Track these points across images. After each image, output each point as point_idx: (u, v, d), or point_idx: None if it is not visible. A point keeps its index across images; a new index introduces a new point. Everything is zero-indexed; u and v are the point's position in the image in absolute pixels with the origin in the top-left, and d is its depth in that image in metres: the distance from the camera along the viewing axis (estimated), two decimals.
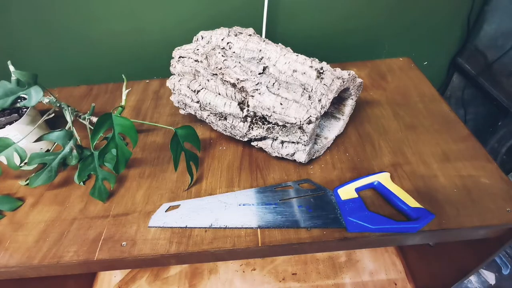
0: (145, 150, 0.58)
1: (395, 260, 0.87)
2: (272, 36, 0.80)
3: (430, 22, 0.82)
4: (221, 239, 0.44)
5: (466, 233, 0.45)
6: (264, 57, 0.50)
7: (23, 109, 0.55)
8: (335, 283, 0.83)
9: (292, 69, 0.48)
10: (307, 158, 0.51)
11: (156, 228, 0.45)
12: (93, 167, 0.49)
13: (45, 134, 0.48)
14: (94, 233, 0.45)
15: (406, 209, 0.44)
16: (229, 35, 0.54)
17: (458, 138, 0.56)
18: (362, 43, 0.84)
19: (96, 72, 0.84)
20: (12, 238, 0.46)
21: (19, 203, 0.50)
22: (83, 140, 0.54)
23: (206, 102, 0.52)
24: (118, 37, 0.78)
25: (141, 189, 0.51)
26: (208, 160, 0.56)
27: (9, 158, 0.48)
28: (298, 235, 0.43)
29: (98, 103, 0.71)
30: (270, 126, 0.49)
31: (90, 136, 0.44)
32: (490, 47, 0.81)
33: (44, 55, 0.80)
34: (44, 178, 0.48)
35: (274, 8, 0.74)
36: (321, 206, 0.46)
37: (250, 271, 0.87)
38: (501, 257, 0.86)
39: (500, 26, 0.78)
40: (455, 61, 0.91)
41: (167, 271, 0.88)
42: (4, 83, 0.48)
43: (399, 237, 0.44)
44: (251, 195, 0.49)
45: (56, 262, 0.42)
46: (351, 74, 0.50)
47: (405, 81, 0.70)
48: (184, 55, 0.56)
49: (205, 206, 0.48)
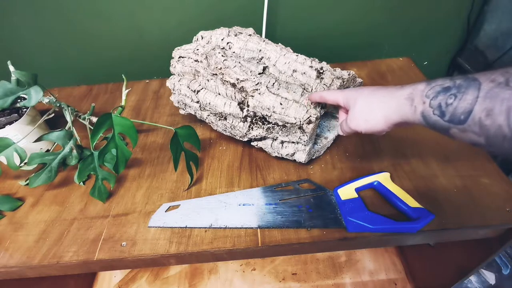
0: (145, 150, 0.58)
1: (395, 260, 0.87)
2: (272, 36, 0.80)
3: (430, 22, 0.82)
4: (221, 239, 0.44)
5: (466, 233, 0.45)
6: (264, 57, 0.50)
7: (23, 109, 0.55)
8: (335, 283, 0.83)
9: (292, 69, 0.48)
10: (307, 158, 0.51)
11: (156, 228, 0.45)
12: (93, 167, 0.49)
13: (45, 134, 0.48)
14: (94, 233, 0.45)
15: (406, 209, 0.44)
16: (229, 35, 0.54)
17: None
18: (362, 43, 0.84)
19: (96, 72, 0.84)
20: (12, 238, 0.46)
21: (19, 203, 0.50)
22: (83, 140, 0.54)
23: (206, 102, 0.52)
24: (118, 37, 0.78)
25: (141, 189, 0.51)
26: (208, 160, 0.55)
27: (9, 158, 0.48)
28: (298, 235, 0.43)
29: (98, 103, 0.71)
30: (270, 126, 0.49)
31: (90, 136, 0.44)
32: (490, 47, 0.81)
33: (44, 55, 0.80)
34: (44, 178, 0.48)
35: (274, 8, 0.74)
36: (321, 206, 0.46)
37: (250, 271, 0.87)
38: (501, 257, 0.86)
39: (500, 26, 0.78)
40: (455, 61, 0.91)
41: (167, 271, 0.88)
42: (4, 83, 0.48)
43: (399, 237, 0.44)
44: (251, 195, 0.49)
45: (56, 262, 0.42)
46: (351, 74, 0.50)
47: (405, 81, 0.70)
48: (184, 55, 0.56)
49: (205, 206, 0.48)
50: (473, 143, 0.28)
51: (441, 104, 0.29)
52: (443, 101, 0.29)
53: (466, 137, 0.28)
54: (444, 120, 0.29)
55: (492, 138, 0.26)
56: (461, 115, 0.27)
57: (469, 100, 0.27)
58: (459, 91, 0.28)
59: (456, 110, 0.28)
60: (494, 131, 0.25)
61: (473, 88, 0.27)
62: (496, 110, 0.25)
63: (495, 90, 0.25)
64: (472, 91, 0.27)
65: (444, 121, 0.29)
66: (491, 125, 0.25)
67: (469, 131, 0.27)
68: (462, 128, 0.28)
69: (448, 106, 0.28)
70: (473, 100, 0.26)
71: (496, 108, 0.25)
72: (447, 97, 0.29)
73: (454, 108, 0.28)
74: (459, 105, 0.27)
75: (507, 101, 0.24)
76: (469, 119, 0.27)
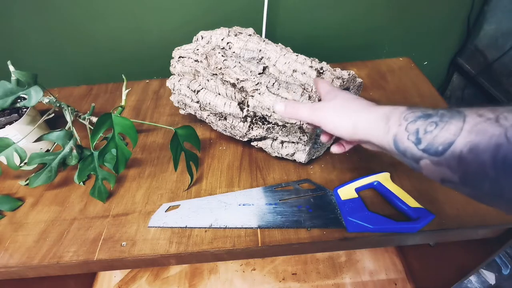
0: (145, 150, 0.58)
1: (395, 260, 0.87)
2: (272, 36, 0.80)
3: (430, 22, 0.82)
4: (221, 239, 0.44)
5: (466, 233, 0.45)
6: (264, 57, 0.50)
7: (23, 109, 0.55)
8: (335, 283, 0.83)
9: (292, 69, 0.48)
10: (307, 158, 0.51)
11: (156, 228, 0.45)
12: (93, 167, 0.49)
13: (45, 134, 0.48)
14: (94, 233, 0.45)
15: (406, 209, 0.44)
16: (229, 35, 0.54)
17: None
18: (362, 43, 0.84)
19: (96, 72, 0.84)
20: (12, 238, 0.46)
21: (19, 203, 0.50)
22: (83, 140, 0.54)
23: (206, 102, 0.52)
24: (118, 37, 0.78)
25: (141, 189, 0.51)
26: (208, 160, 0.55)
27: (9, 158, 0.48)
28: (298, 235, 0.43)
29: (98, 103, 0.71)
30: (270, 126, 0.49)
31: (90, 136, 0.44)
32: (490, 47, 0.81)
33: (44, 55, 0.80)
34: (44, 178, 0.48)
35: (274, 8, 0.74)
36: (321, 206, 0.46)
37: (250, 271, 0.87)
38: (501, 257, 0.86)
39: (500, 26, 0.78)
40: (455, 61, 0.91)
41: (167, 271, 0.88)
42: (4, 83, 0.48)
43: (399, 237, 0.44)
44: (251, 195, 0.49)
45: (56, 262, 0.42)
46: (351, 74, 0.50)
47: (405, 81, 0.70)
48: (184, 55, 0.56)
49: (205, 206, 0.48)
50: (444, 179, 0.26)
51: (419, 130, 0.26)
52: (421, 127, 0.26)
53: (438, 171, 0.26)
54: (418, 148, 0.26)
55: (470, 177, 0.23)
56: (440, 146, 0.25)
57: (452, 131, 0.24)
58: (442, 119, 0.25)
59: (436, 139, 0.25)
60: (474, 168, 0.23)
61: (458, 119, 0.24)
62: (482, 146, 0.22)
63: (483, 124, 0.23)
64: (456, 122, 0.24)
65: (418, 149, 0.26)
66: (472, 161, 0.23)
67: (444, 165, 0.25)
68: (436, 160, 0.25)
69: (426, 134, 0.26)
70: (457, 132, 0.24)
71: (482, 144, 0.22)
72: (427, 124, 0.26)
73: (433, 136, 0.25)
74: (440, 134, 0.25)
75: (497, 138, 0.22)
76: (448, 151, 0.24)
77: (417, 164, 0.27)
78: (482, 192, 0.24)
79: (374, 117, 0.31)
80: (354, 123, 0.32)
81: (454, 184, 0.25)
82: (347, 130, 0.33)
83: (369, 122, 0.31)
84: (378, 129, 0.30)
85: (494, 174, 0.22)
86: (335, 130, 0.34)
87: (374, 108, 0.32)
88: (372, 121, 0.31)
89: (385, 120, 0.30)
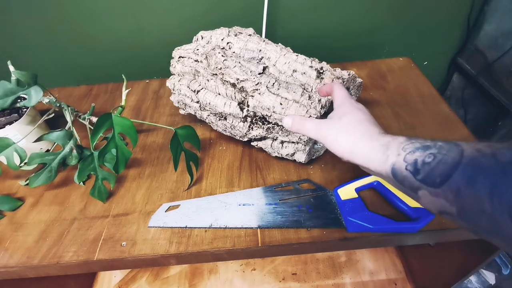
0: (145, 150, 0.58)
1: (395, 260, 0.87)
2: (272, 36, 0.80)
3: (430, 22, 0.82)
4: (221, 239, 0.44)
5: (466, 233, 0.45)
6: (264, 57, 0.50)
7: (23, 109, 0.55)
8: (335, 283, 0.83)
9: (292, 69, 0.48)
10: (307, 158, 0.51)
11: (156, 228, 0.45)
12: (93, 167, 0.49)
13: (45, 134, 0.48)
14: (94, 233, 0.45)
15: (406, 209, 0.44)
16: (229, 35, 0.54)
17: (458, 138, 0.55)
18: (362, 43, 0.84)
19: (96, 72, 0.84)
20: (12, 238, 0.46)
21: (19, 203, 0.50)
22: (83, 140, 0.54)
23: (206, 102, 0.52)
24: (118, 37, 0.78)
25: (141, 189, 0.51)
26: (208, 160, 0.55)
27: (9, 158, 0.48)
28: (298, 235, 0.43)
29: (98, 103, 0.71)
30: (270, 126, 0.49)
31: (90, 136, 0.44)
32: (490, 47, 0.81)
33: (44, 55, 0.80)
34: (44, 178, 0.48)
35: (274, 8, 0.74)
36: (321, 206, 0.46)
37: (250, 271, 0.87)
38: (501, 257, 0.86)
39: (500, 26, 0.78)
40: (455, 61, 0.91)
41: (167, 271, 0.88)
42: (4, 83, 0.48)
43: (399, 237, 0.44)
44: (251, 195, 0.49)
45: (56, 262, 0.42)
46: (351, 74, 0.50)
47: (405, 81, 0.70)
48: (184, 55, 0.56)
49: (205, 206, 0.48)
50: (442, 211, 0.26)
51: (417, 161, 0.27)
52: (420, 158, 0.27)
53: (436, 203, 0.26)
54: (416, 179, 0.27)
55: (468, 210, 0.23)
56: (438, 178, 0.25)
57: (450, 164, 0.24)
58: (440, 152, 0.26)
59: (434, 171, 0.25)
60: (472, 203, 0.23)
61: (455, 153, 0.25)
62: (479, 181, 0.22)
63: (480, 159, 0.23)
64: (454, 155, 0.25)
65: (416, 180, 0.27)
66: (470, 196, 0.23)
67: (442, 197, 0.25)
68: (434, 191, 0.25)
69: (424, 165, 0.26)
70: (454, 165, 0.24)
71: (479, 179, 0.22)
72: (426, 156, 0.26)
73: (431, 168, 0.26)
74: (438, 166, 0.25)
75: (493, 175, 0.22)
76: (445, 183, 0.24)
77: (416, 194, 0.28)
78: (479, 227, 0.23)
79: (373, 145, 0.32)
80: (352, 148, 0.33)
81: (452, 216, 0.25)
82: (343, 152, 0.34)
83: (368, 149, 0.32)
84: (376, 157, 0.31)
85: (490, 210, 0.22)
86: (334, 149, 0.35)
87: (375, 136, 0.33)
88: (371, 149, 0.32)
89: (384, 149, 0.30)
